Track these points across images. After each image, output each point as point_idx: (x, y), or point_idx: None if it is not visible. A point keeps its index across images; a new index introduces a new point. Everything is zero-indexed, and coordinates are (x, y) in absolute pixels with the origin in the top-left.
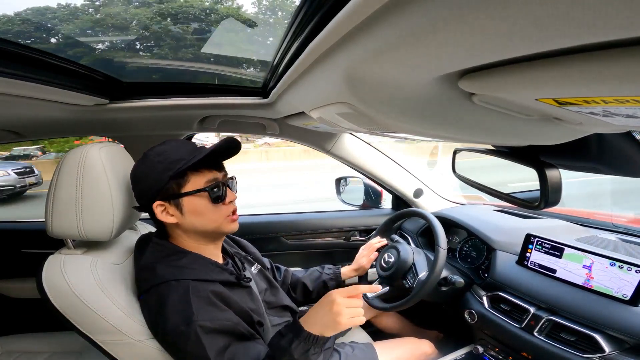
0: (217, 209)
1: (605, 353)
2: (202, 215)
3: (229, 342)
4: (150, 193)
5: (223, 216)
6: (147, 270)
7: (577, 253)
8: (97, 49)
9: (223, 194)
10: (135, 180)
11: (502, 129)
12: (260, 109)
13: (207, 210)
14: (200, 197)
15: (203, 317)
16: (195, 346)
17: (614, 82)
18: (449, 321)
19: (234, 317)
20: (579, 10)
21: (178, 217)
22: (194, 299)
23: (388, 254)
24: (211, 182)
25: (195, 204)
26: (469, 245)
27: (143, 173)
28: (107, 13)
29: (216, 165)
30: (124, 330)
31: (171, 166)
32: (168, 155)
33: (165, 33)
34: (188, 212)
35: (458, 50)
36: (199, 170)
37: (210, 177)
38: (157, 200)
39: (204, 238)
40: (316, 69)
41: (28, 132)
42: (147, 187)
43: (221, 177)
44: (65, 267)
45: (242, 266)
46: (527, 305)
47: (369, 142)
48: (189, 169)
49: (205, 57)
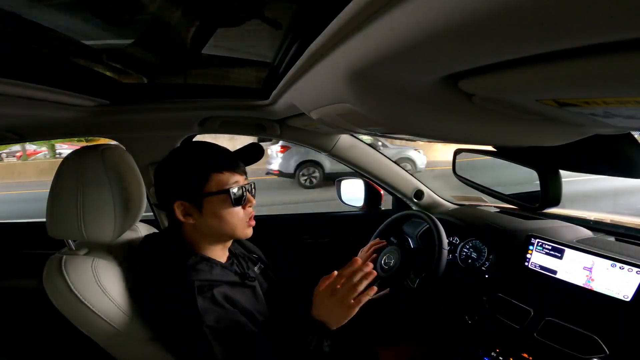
0: (237, 213)
1: (605, 354)
2: (221, 217)
3: (236, 342)
4: (173, 191)
5: (241, 220)
6: (151, 271)
7: (577, 254)
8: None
9: (244, 197)
10: (159, 177)
11: (502, 130)
12: (261, 110)
13: (227, 213)
14: (221, 199)
15: (209, 318)
16: (202, 348)
17: (614, 83)
18: (449, 323)
19: (240, 317)
20: (579, 10)
21: (197, 217)
22: (200, 300)
23: (388, 255)
24: (233, 184)
25: (215, 206)
26: (469, 247)
27: (167, 171)
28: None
29: (238, 169)
30: (124, 331)
31: (199, 165)
32: (193, 156)
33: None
34: (207, 213)
35: (458, 51)
36: (222, 172)
37: (232, 179)
38: (178, 200)
39: (217, 240)
40: (316, 69)
41: (29, 133)
42: (170, 185)
43: (242, 180)
44: (66, 268)
45: (246, 265)
46: (528, 306)
47: (369, 143)
48: (213, 170)
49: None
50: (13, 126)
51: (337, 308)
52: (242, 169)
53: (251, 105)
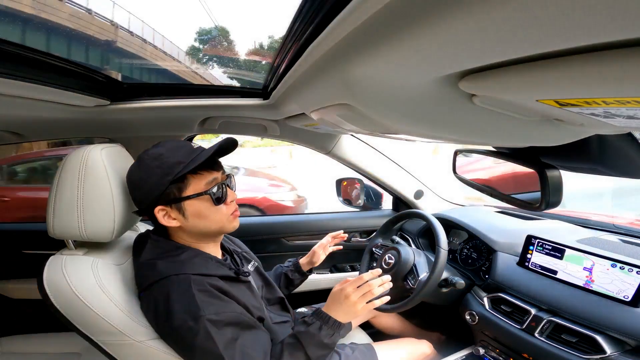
0: (220, 210)
1: (606, 354)
2: (205, 217)
3: (237, 332)
4: (150, 199)
5: (226, 216)
6: (147, 267)
7: (578, 254)
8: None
9: (224, 194)
10: (133, 186)
11: (502, 130)
12: (261, 110)
13: (210, 212)
14: (202, 200)
15: (209, 310)
16: (204, 341)
17: (615, 83)
18: (450, 322)
19: (238, 308)
20: (579, 11)
21: (181, 220)
22: (197, 293)
23: (389, 255)
24: (211, 183)
25: (197, 207)
26: (469, 247)
27: (141, 179)
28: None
29: (214, 165)
30: (124, 331)
31: (170, 170)
32: (166, 159)
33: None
34: (191, 215)
35: (458, 52)
36: (199, 173)
37: (210, 178)
38: (158, 205)
39: (206, 238)
40: (316, 70)
41: (28, 133)
42: (146, 192)
43: (220, 176)
44: (66, 268)
45: (241, 262)
46: (528, 306)
47: (369, 143)
48: (189, 172)
49: (207, 58)
50: (13, 125)
51: (348, 307)
52: (218, 165)
53: (251, 106)
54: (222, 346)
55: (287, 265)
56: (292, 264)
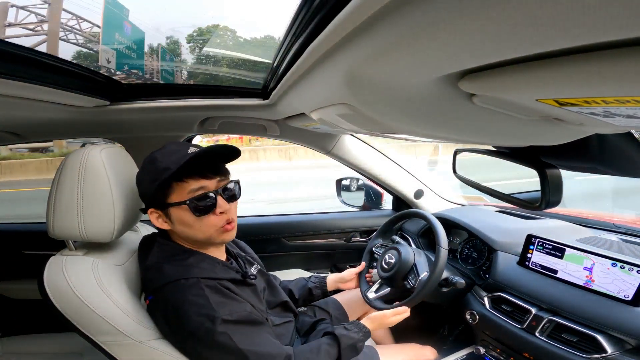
0: (204, 221)
1: (607, 354)
2: (190, 226)
3: (251, 330)
4: (145, 200)
5: (213, 228)
6: (154, 270)
7: (578, 254)
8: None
9: (207, 206)
10: (137, 184)
11: (502, 129)
12: (261, 110)
13: (194, 222)
14: (182, 209)
15: (223, 311)
16: (222, 341)
17: (614, 83)
18: (450, 322)
19: (248, 306)
20: (579, 10)
21: (170, 225)
22: (210, 295)
23: (389, 254)
24: (195, 192)
25: (180, 215)
26: (469, 246)
27: (139, 179)
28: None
29: (206, 173)
30: (125, 331)
31: (157, 176)
32: (157, 163)
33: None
34: (176, 222)
35: (458, 51)
36: (184, 180)
37: (195, 186)
38: (150, 207)
39: (203, 243)
40: (316, 70)
41: (28, 133)
42: (142, 194)
43: (213, 185)
44: (66, 268)
45: (244, 265)
46: (529, 306)
47: (369, 143)
48: (174, 179)
49: (207, 58)
50: (13, 126)
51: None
52: (212, 173)
53: (251, 106)
54: (240, 344)
55: (314, 282)
56: (318, 281)
